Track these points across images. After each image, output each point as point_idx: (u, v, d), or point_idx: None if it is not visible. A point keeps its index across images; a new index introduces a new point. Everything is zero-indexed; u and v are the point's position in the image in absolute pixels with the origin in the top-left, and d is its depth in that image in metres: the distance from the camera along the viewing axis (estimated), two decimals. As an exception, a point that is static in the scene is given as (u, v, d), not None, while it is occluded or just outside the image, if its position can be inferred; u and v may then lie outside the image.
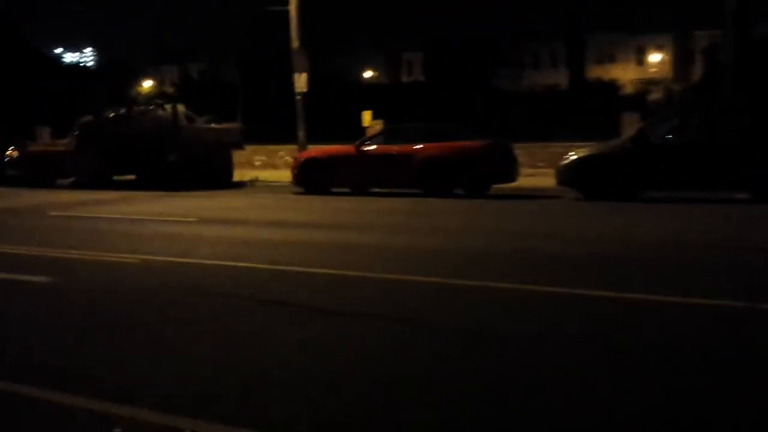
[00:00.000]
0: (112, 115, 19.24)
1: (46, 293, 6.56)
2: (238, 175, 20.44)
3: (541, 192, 15.78)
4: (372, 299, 5.97)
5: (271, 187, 18.95)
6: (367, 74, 75.29)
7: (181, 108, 19.47)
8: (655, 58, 66.68)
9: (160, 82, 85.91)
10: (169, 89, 78.19)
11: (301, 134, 20.59)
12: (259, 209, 13.27)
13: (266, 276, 7.02)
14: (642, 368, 4.22)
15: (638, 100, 50.78)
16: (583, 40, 63.39)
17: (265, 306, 5.86)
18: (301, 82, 20.37)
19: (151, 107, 19.09)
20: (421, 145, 15.48)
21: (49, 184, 20.19)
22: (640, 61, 67.43)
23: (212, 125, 19.37)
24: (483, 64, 67.47)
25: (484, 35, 69.36)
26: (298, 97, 20.45)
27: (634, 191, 13.71)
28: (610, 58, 66.80)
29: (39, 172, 20.49)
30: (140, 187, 18.53)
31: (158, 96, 76.72)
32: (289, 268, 7.32)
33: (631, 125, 19.41)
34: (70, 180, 20.83)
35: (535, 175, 18.72)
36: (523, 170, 19.89)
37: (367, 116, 23.29)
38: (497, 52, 72.42)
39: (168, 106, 19.43)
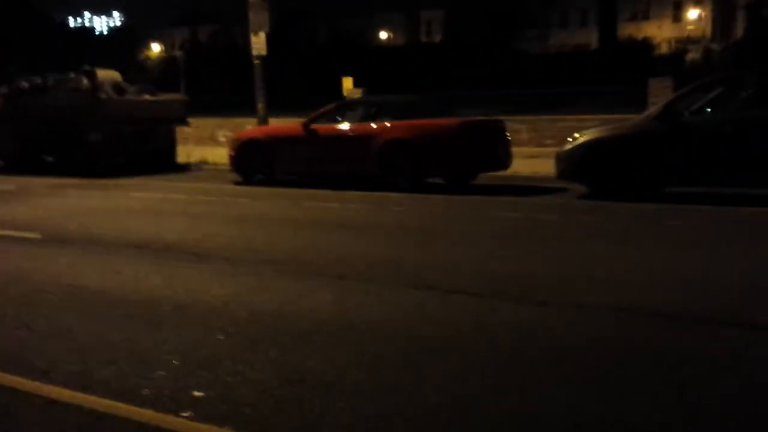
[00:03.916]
0: (27, 85, 15.96)
1: None
2: (186, 155, 17.16)
3: (541, 182, 12.27)
4: None
5: (218, 172, 15.64)
6: (383, 35, 70.94)
7: (111, 75, 16.11)
8: (692, 14, 61.75)
9: (170, 46, 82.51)
10: (178, 53, 74.83)
11: (260, 106, 17.14)
12: (151, 214, 9.96)
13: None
14: None
15: (674, 60, 46.59)
16: (615, -5, 58.78)
17: None
18: (259, 43, 16.86)
19: (72, 75, 15.71)
20: (384, 124, 12.00)
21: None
22: (677, 18, 62.52)
23: (146, 97, 15.97)
24: (507, 24, 63.20)
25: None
26: (257, 62, 16.96)
27: (657, 186, 10.18)
28: (644, 15, 62.02)
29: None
30: (61, 172, 15.34)
31: (166, 60, 73.54)
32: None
33: (661, 92, 15.71)
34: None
35: (539, 156, 15.13)
36: (527, 149, 16.36)
37: (347, 83, 19.87)
38: (523, 12, 67.95)
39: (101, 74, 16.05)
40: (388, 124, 11.92)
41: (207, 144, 20.84)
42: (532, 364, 4.03)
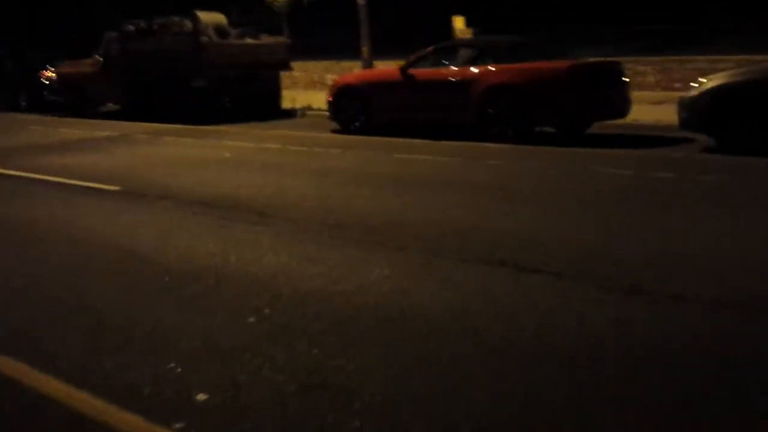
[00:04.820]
0: (134, 30, 15.98)
1: None
2: (291, 100, 16.83)
3: (663, 132, 11.07)
4: None
5: (320, 119, 15.16)
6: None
7: (215, 18, 15.83)
8: None
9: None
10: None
11: (364, 49, 16.55)
12: (237, 166, 9.62)
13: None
14: None
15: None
16: None
17: None
18: (364, -18, 16.15)
19: (176, 18, 15.55)
20: (487, 68, 11.09)
21: (83, 111, 17.57)
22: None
23: (248, 41, 15.63)
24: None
25: None
26: (362, 2, 16.28)
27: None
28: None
29: (71, 98, 17.88)
30: (167, 118, 15.35)
31: (293, 4, 73.11)
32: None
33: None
34: (115, 107, 18.09)
35: (665, 102, 13.72)
36: (652, 94, 14.98)
37: (458, 23, 18.81)
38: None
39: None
40: (491, 68, 11.01)
41: (315, 88, 20.48)
42: (600, 381, 3.29)
